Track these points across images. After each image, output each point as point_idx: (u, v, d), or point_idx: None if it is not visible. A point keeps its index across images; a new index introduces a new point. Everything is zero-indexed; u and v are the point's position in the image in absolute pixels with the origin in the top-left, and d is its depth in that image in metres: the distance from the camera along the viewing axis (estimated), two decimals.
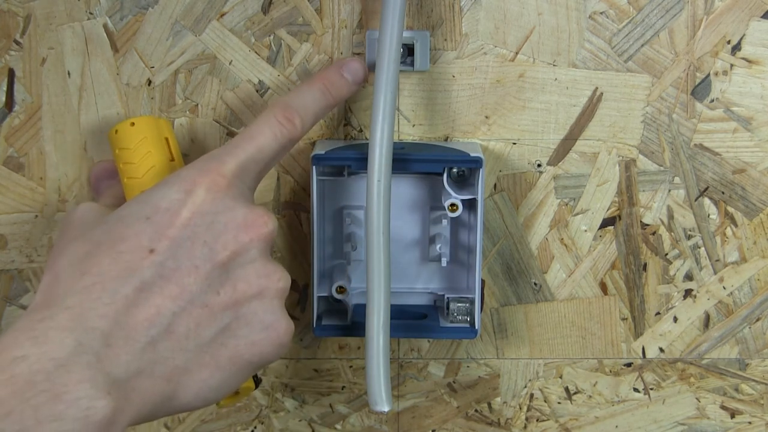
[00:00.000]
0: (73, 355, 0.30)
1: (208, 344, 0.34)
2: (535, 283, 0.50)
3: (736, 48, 0.47)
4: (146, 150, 0.40)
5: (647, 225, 0.49)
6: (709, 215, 0.49)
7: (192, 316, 0.33)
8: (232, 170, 0.35)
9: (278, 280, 0.36)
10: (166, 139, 0.41)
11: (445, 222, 0.48)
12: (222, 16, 0.46)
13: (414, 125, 0.48)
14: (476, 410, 0.53)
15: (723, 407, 0.53)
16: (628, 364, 0.52)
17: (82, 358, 0.30)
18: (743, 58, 0.47)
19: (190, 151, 0.48)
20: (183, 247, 0.33)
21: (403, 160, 0.44)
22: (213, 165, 0.35)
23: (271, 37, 0.47)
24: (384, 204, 0.41)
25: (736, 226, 0.49)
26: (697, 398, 0.52)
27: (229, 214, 0.35)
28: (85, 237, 0.34)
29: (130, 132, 0.40)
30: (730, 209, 0.49)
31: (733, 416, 0.53)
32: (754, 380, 0.52)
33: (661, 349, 0.52)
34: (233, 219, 0.35)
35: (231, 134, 0.48)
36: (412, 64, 0.46)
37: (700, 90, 0.47)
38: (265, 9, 0.46)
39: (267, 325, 0.35)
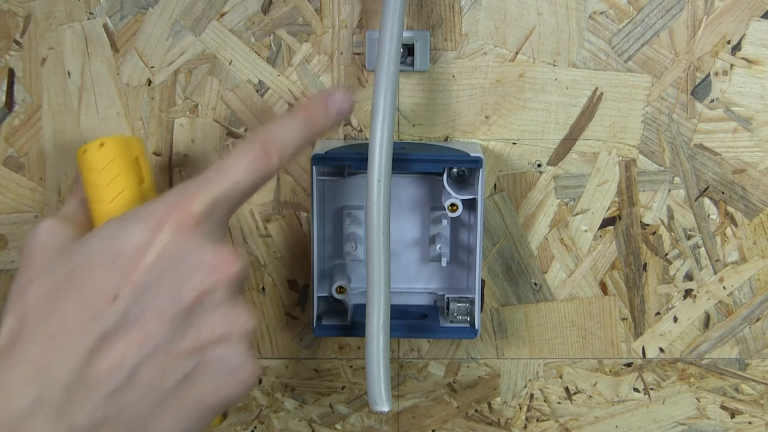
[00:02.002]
0: (35, 407, 0.30)
1: (173, 391, 0.33)
2: (535, 283, 0.50)
3: (736, 48, 0.47)
4: (115, 173, 0.38)
5: (647, 225, 0.49)
6: (709, 215, 0.49)
7: (156, 363, 0.33)
8: (201, 208, 0.34)
9: (244, 322, 0.35)
10: (137, 159, 0.39)
11: (445, 222, 0.48)
12: (222, 16, 0.46)
13: (414, 125, 0.48)
14: (476, 410, 0.53)
15: (723, 407, 0.53)
16: (628, 364, 0.52)
17: (43, 411, 0.30)
18: (743, 58, 0.47)
19: (189, 151, 0.48)
20: (148, 292, 0.33)
21: (403, 160, 0.44)
22: (182, 201, 0.34)
23: (271, 37, 0.47)
24: (384, 204, 0.41)
25: (736, 226, 0.49)
26: (697, 398, 0.52)
27: (196, 255, 0.34)
28: (49, 275, 0.34)
29: (99, 153, 0.38)
30: (730, 209, 0.49)
31: (733, 416, 0.53)
32: (754, 380, 0.52)
33: (661, 349, 0.52)
34: (200, 260, 0.34)
35: (231, 134, 0.48)
36: (412, 64, 0.46)
37: (700, 90, 0.47)
38: (265, 9, 0.46)
39: (232, 369, 0.35)
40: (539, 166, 0.48)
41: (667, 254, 0.50)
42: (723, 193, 0.49)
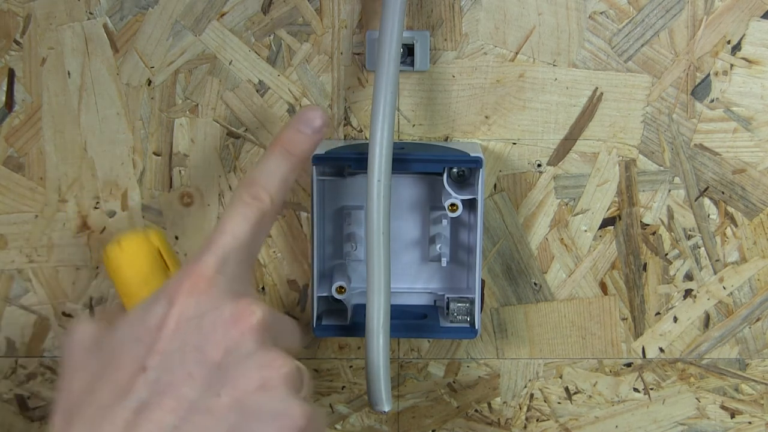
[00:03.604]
0: None
1: None
2: (535, 283, 0.50)
3: (736, 48, 0.47)
4: (138, 268, 0.39)
5: (647, 225, 0.49)
6: (709, 215, 0.49)
7: (195, 424, 0.32)
8: (211, 268, 0.35)
9: (280, 366, 0.34)
10: (158, 250, 0.40)
11: (445, 222, 0.48)
12: (222, 16, 0.46)
13: (414, 125, 0.48)
14: (476, 410, 0.53)
15: (723, 407, 0.53)
16: (628, 364, 0.52)
17: None
18: (743, 58, 0.47)
19: (189, 151, 0.48)
20: (174, 358, 0.33)
21: (403, 160, 0.44)
22: (192, 268, 0.35)
23: (271, 37, 0.47)
24: (384, 204, 0.41)
25: (736, 226, 0.49)
26: (697, 398, 0.52)
27: (215, 313, 0.34)
28: (86, 368, 0.35)
29: (119, 253, 0.39)
30: (730, 209, 0.49)
31: (733, 416, 0.53)
32: (754, 380, 0.52)
33: (661, 349, 0.52)
34: (220, 316, 0.34)
35: (231, 134, 0.48)
36: (412, 64, 0.46)
37: (700, 90, 0.47)
38: (265, 9, 0.46)
39: (277, 415, 0.34)
40: (539, 166, 0.48)
41: (667, 254, 0.50)
42: (723, 193, 0.49)
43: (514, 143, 0.48)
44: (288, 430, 0.34)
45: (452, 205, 0.45)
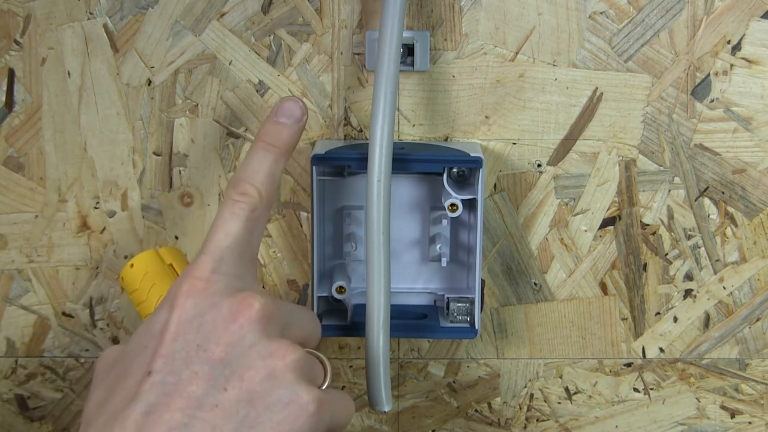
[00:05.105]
0: None
1: None
2: (535, 283, 0.50)
3: (736, 48, 0.47)
4: (151, 284, 0.41)
5: (647, 225, 0.49)
6: (709, 215, 0.49)
7: (205, 421, 0.33)
8: (206, 268, 0.36)
9: (285, 355, 0.35)
10: (171, 265, 0.42)
11: (445, 222, 0.48)
12: (222, 16, 0.46)
13: (414, 125, 0.48)
14: (476, 410, 0.53)
15: (723, 407, 0.53)
16: (628, 364, 0.52)
17: None
18: (743, 58, 0.47)
19: (189, 151, 0.48)
20: (178, 358, 0.34)
21: (403, 160, 0.44)
22: (189, 271, 0.36)
23: (271, 37, 0.47)
24: (384, 204, 0.41)
25: (736, 226, 0.49)
26: (697, 398, 0.52)
27: (214, 311, 0.35)
28: (104, 383, 0.36)
29: (132, 274, 0.41)
30: (730, 209, 0.49)
31: (733, 416, 0.53)
32: (754, 380, 0.52)
33: (661, 349, 0.52)
34: (219, 313, 0.35)
35: (231, 134, 0.48)
36: (412, 64, 0.46)
37: (700, 90, 0.47)
38: (265, 9, 0.46)
39: (287, 402, 0.34)
40: (539, 166, 0.49)
41: (667, 254, 0.50)
42: (723, 193, 0.49)
43: (514, 143, 0.48)
44: (299, 417, 0.34)
45: (452, 205, 0.45)
